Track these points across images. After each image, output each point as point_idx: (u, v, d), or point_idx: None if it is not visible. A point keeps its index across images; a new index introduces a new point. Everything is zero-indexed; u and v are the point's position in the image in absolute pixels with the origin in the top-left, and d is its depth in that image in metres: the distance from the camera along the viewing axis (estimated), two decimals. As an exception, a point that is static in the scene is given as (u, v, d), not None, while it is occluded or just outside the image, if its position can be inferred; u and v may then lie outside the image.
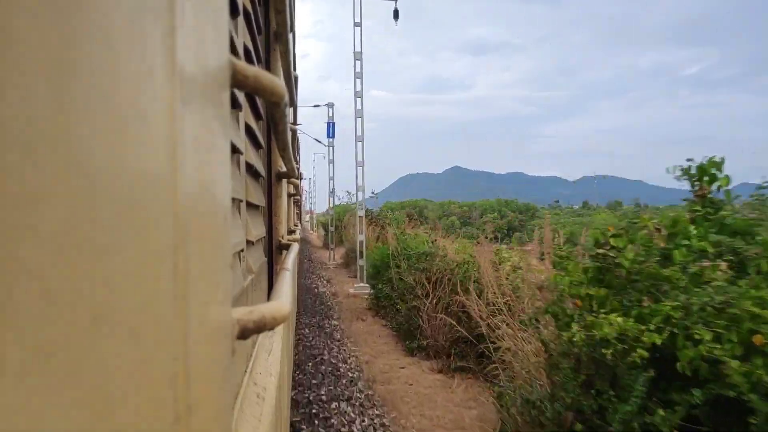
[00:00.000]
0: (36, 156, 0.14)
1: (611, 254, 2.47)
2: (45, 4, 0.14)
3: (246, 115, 0.86)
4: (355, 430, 3.44)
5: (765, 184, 3.01)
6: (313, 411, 3.71)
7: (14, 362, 0.13)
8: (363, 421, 3.57)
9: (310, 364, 4.80)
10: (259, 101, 1.08)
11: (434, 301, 5.06)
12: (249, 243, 0.93)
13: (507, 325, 3.72)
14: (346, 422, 3.54)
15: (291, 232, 2.93)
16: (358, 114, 8.93)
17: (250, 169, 1.01)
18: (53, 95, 0.14)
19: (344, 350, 5.32)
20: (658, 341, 2.10)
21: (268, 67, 1.47)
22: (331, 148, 14.54)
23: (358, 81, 8.58)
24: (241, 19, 0.78)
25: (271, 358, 0.83)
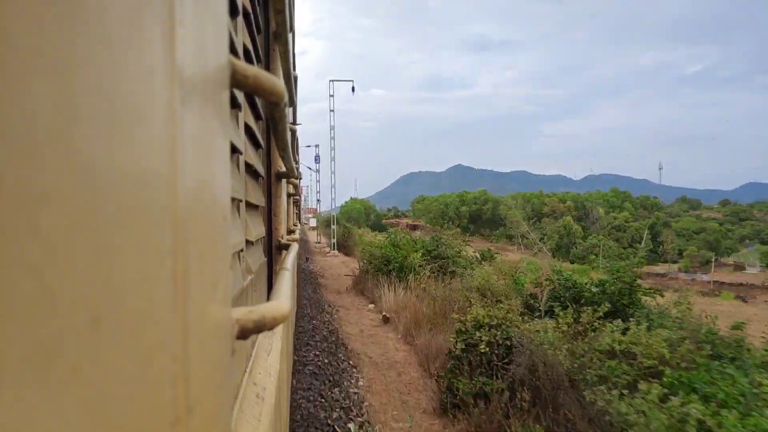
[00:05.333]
0: (36, 156, 0.13)
1: None
2: (45, 4, 0.14)
3: (245, 115, 0.86)
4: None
5: None
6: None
7: (14, 362, 0.13)
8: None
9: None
10: (258, 101, 1.07)
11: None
12: (248, 243, 0.93)
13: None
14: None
15: (290, 232, 2.93)
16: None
17: (250, 169, 1.01)
18: (53, 95, 0.14)
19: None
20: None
21: (268, 67, 1.47)
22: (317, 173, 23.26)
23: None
24: (240, 19, 0.78)
25: (271, 358, 0.83)
